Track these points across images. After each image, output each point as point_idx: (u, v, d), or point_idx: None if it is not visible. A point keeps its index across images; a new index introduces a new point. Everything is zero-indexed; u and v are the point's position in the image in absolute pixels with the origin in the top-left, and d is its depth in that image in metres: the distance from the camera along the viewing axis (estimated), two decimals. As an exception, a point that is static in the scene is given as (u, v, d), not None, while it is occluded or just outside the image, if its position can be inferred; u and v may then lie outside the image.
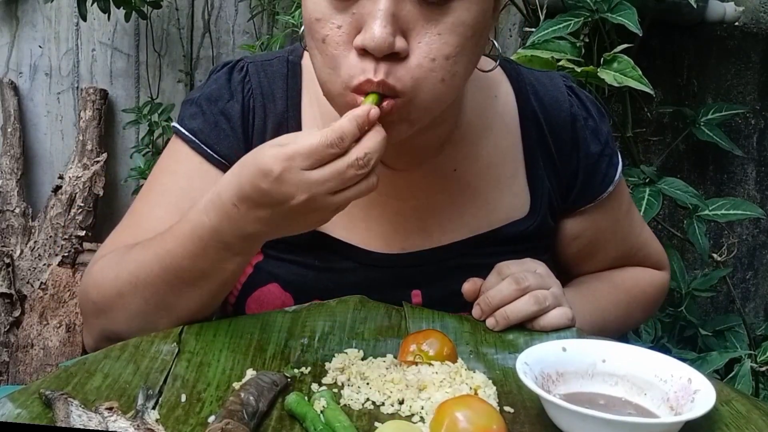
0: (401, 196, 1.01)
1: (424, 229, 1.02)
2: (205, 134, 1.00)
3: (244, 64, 1.03)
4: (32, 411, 0.73)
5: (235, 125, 1.00)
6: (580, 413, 0.70)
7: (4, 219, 2.39)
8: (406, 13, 0.81)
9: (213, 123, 1.00)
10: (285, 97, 1.01)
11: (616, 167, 1.09)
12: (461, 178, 1.02)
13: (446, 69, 0.83)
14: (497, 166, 1.03)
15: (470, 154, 1.02)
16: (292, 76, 1.02)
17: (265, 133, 1.00)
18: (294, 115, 1.01)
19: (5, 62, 2.46)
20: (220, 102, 1.01)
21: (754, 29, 2.21)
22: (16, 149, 2.43)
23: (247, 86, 1.01)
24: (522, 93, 1.05)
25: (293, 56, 1.04)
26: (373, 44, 0.79)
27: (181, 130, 1.02)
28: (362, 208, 1.00)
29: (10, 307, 2.29)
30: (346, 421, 0.73)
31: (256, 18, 2.41)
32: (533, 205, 1.05)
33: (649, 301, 1.20)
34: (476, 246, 1.02)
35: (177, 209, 0.96)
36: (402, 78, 0.82)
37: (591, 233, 1.11)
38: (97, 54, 2.47)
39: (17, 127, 2.44)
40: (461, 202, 1.02)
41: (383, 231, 1.01)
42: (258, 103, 1.01)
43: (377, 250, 1.00)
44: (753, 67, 2.23)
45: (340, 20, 0.82)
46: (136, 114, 2.40)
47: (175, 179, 1.01)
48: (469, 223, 1.02)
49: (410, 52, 0.82)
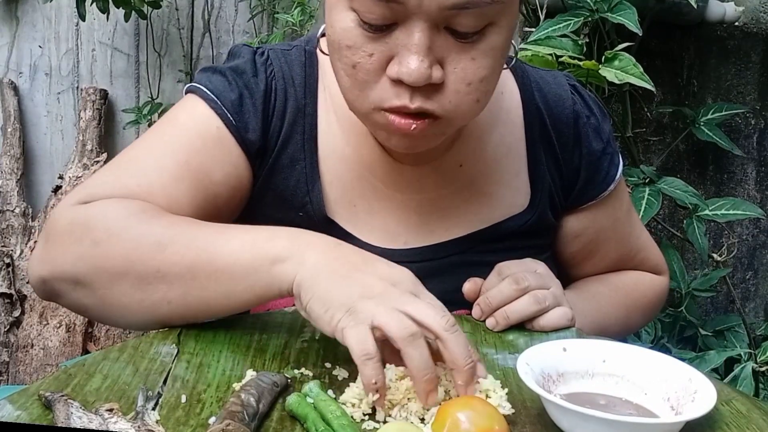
0: (407, 189, 1.01)
1: (426, 223, 1.02)
2: (229, 101, 0.96)
3: (264, 49, 1.02)
4: (32, 413, 0.73)
5: (257, 102, 0.98)
6: (580, 413, 0.70)
7: (4, 219, 2.39)
8: (441, 44, 0.81)
9: (238, 94, 0.97)
10: (303, 84, 1.00)
11: (617, 167, 1.09)
12: (467, 173, 1.03)
13: (480, 90, 0.85)
14: (501, 161, 1.04)
15: (477, 149, 1.03)
16: (310, 65, 1.02)
17: (285, 116, 0.99)
18: (311, 102, 1.01)
19: (5, 62, 2.46)
20: (245, 75, 0.98)
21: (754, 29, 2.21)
22: (16, 149, 2.43)
23: (270, 68, 1.00)
24: (526, 90, 1.06)
25: (309, 46, 1.03)
26: (411, 79, 0.80)
27: (203, 89, 0.97)
28: (367, 200, 1.01)
29: (10, 307, 2.29)
30: (338, 411, 0.73)
31: (256, 18, 2.41)
32: (533, 199, 1.05)
33: (649, 304, 1.20)
34: (477, 242, 1.03)
35: (187, 168, 0.93)
36: (439, 102, 0.83)
37: (592, 231, 1.11)
38: (97, 54, 2.47)
39: (17, 127, 2.44)
40: (465, 197, 1.03)
41: (386, 225, 1.01)
42: (280, 86, 0.99)
43: (378, 245, 1.00)
44: (753, 67, 2.23)
45: (372, 48, 0.82)
46: (136, 114, 2.40)
47: (188, 135, 0.95)
48: (471, 219, 1.03)
49: (445, 77, 0.83)
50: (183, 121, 0.97)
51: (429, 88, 0.82)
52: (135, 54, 2.46)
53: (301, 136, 1.00)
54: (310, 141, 1.00)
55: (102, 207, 0.88)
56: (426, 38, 0.80)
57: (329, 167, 1.01)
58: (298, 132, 1.00)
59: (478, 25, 0.81)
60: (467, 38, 0.82)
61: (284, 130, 0.99)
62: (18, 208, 2.39)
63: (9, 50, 2.46)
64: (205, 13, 2.44)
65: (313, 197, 1.00)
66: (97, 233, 0.86)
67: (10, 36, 2.45)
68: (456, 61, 0.82)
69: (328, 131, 1.01)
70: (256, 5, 2.38)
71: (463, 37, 0.82)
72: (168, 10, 2.42)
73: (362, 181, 1.01)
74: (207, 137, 0.95)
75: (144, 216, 0.87)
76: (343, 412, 0.73)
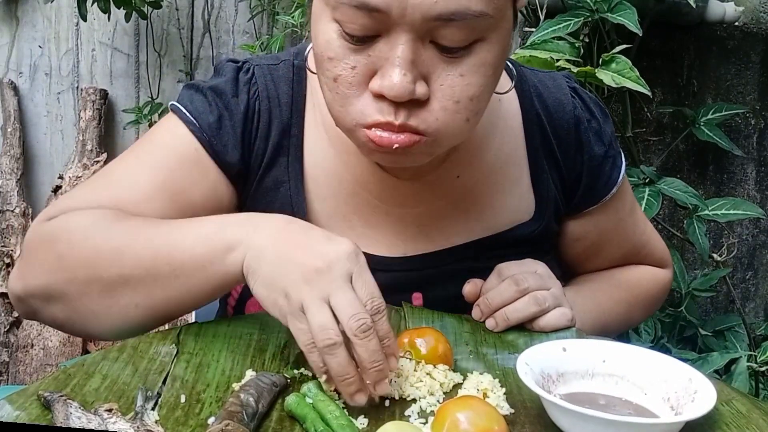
0: (403, 204, 1.00)
1: (426, 234, 1.01)
2: (207, 123, 0.96)
3: (250, 65, 1.00)
4: (31, 413, 0.73)
5: (236, 124, 0.96)
6: (580, 413, 0.70)
7: (4, 219, 2.39)
8: (426, 58, 0.78)
9: (217, 115, 0.96)
10: (290, 102, 0.99)
11: (619, 169, 1.08)
12: (464, 183, 1.01)
13: (470, 109, 0.81)
14: (501, 170, 1.02)
15: (474, 159, 1.01)
16: (298, 82, 1.00)
17: (269, 138, 0.98)
18: (297, 122, 0.99)
19: (5, 62, 2.46)
20: (224, 96, 0.97)
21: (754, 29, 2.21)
22: (16, 149, 2.43)
23: (254, 88, 0.98)
24: (526, 96, 1.04)
25: (298, 60, 1.01)
26: (393, 93, 0.77)
27: (183, 110, 0.97)
28: (363, 215, 0.99)
29: (10, 307, 2.29)
30: (337, 410, 0.73)
31: (256, 18, 2.41)
32: (538, 208, 1.03)
33: (652, 299, 1.19)
34: (479, 250, 1.02)
35: (163, 188, 0.93)
36: (426, 120, 0.80)
37: (594, 235, 1.10)
38: (97, 54, 2.47)
39: (17, 127, 2.44)
40: (464, 207, 1.01)
41: (384, 238, 1.00)
42: (264, 106, 0.98)
43: (378, 254, 0.99)
44: (753, 67, 2.23)
45: (354, 61, 0.80)
46: (136, 114, 2.40)
47: (167, 156, 0.95)
48: (472, 228, 1.02)
49: (431, 94, 0.80)
50: (162, 140, 0.97)
51: (414, 105, 0.79)
52: (135, 54, 2.46)
53: (286, 158, 0.98)
54: (296, 162, 0.98)
55: (65, 219, 0.89)
56: (409, 51, 0.77)
57: (320, 185, 0.99)
58: (283, 154, 0.98)
59: (465, 39, 0.78)
60: (454, 53, 0.79)
61: (268, 152, 0.98)
62: (18, 208, 2.39)
63: (9, 50, 2.46)
64: (205, 13, 2.44)
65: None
66: (61, 246, 0.87)
67: (10, 36, 2.45)
68: (443, 77, 0.79)
69: (317, 149, 0.99)
70: (256, 5, 2.38)
71: (450, 52, 0.78)
72: (168, 10, 2.42)
73: (357, 197, 0.99)
74: (185, 158, 0.95)
75: (104, 223, 0.88)
76: (342, 412, 0.73)
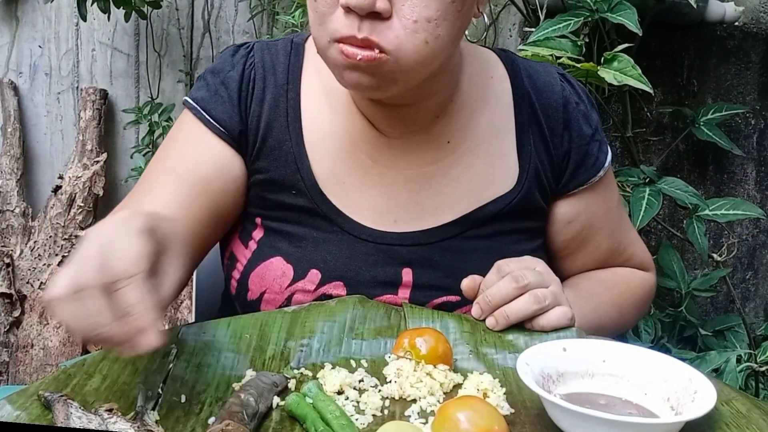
0: (395, 165, 1.04)
1: (416, 201, 1.04)
2: (205, 101, 1.05)
3: (251, 43, 1.09)
4: (31, 413, 0.73)
5: (231, 93, 1.05)
6: (580, 413, 0.70)
7: (4, 219, 2.39)
8: None
9: (214, 92, 1.05)
10: (286, 71, 1.06)
11: (606, 155, 1.12)
12: (454, 150, 1.06)
13: (429, 31, 0.88)
14: (490, 141, 1.07)
15: (464, 127, 1.06)
16: (295, 54, 1.08)
17: (264, 101, 1.05)
18: (294, 87, 1.06)
19: (5, 62, 2.46)
20: (221, 74, 1.06)
21: (754, 29, 2.21)
22: (16, 149, 2.43)
23: (250, 59, 1.07)
24: (516, 76, 1.09)
25: (297, 39, 1.10)
26: (354, 2, 0.84)
27: (188, 100, 1.08)
28: (356, 177, 1.04)
29: (10, 307, 2.29)
30: (337, 410, 0.73)
31: (256, 18, 2.41)
32: (519, 179, 1.07)
33: (640, 302, 1.21)
34: (467, 225, 1.05)
35: (174, 173, 1.02)
36: (386, 36, 0.87)
37: (585, 218, 1.12)
38: (97, 54, 2.47)
39: (17, 127, 2.44)
40: (454, 175, 1.05)
41: (375, 201, 1.04)
42: (258, 75, 1.06)
43: (369, 225, 1.03)
44: (753, 67, 2.23)
45: None
46: (136, 114, 2.40)
47: (177, 145, 1.07)
48: (461, 198, 1.05)
49: (394, 13, 0.87)
50: (174, 135, 1.09)
51: (377, 21, 0.86)
52: (135, 54, 2.46)
53: (285, 119, 1.05)
54: (295, 122, 1.05)
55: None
56: None
57: (317, 146, 1.05)
58: (281, 115, 1.05)
59: None
60: None
61: (265, 114, 1.05)
62: (18, 208, 2.39)
63: (9, 50, 2.46)
64: (205, 13, 2.44)
65: (303, 174, 1.03)
66: None
67: (10, 36, 2.45)
68: None
69: (314, 112, 1.05)
70: (256, 5, 2.38)
71: None
72: (168, 10, 2.42)
73: (351, 158, 1.04)
74: (190, 139, 1.05)
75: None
76: (342, 412, 0.73)
